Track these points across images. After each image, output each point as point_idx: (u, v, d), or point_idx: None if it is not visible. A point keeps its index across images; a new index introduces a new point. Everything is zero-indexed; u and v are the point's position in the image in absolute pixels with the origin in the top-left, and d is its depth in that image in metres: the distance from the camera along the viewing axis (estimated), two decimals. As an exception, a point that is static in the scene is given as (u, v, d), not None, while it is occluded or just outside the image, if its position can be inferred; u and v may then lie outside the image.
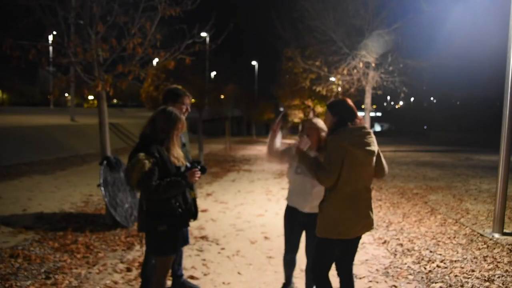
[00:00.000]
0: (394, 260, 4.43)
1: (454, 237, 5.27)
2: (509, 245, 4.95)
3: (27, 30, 5.13)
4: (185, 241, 2.96)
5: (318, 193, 2.84)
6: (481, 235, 5.39)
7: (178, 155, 2.77)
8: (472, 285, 3.73)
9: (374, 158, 2.70)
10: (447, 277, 3.91)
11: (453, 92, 39.33)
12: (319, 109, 21.83)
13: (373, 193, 8.49)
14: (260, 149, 21.63)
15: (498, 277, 3.91)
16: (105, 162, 5.46)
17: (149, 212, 2.68)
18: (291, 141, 33.29)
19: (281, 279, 3.88)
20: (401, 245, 4.94)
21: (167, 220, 2.63)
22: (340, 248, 2.78)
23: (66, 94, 49.14)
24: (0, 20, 6.08)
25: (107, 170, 5.45)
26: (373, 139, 2.68)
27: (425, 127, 45.48)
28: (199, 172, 2.72)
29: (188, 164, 2.83)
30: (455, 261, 4.37)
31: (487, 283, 3.77)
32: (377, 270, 4.13)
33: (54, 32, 5.27)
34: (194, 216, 2.98)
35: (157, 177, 2.57)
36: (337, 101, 2.81)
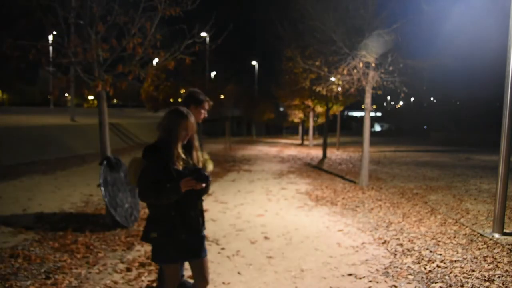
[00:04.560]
0: (394, 260, 4.43)
1: (454, 237, 5.27)
2: (509, 245, 4.96)
3: (27, 30, 5.13)
4: (189, 253, 2.66)
5: None
6: (481, 235, 5.39)
7: (196, 157, 2.65)
8: (472, 285, 3.73)
9: None
10: (447, 277, 3.91)
11: (453, 92, 39.26)
12: (319, 109, 21.81)
13: (373, 193, 8.52)
14: (260, 149, 21.64)
15: (498, 277, 3.91)
16: (105, 162, 5.46)
17: (148, 216, 2.62)
18: (291, 141, 33.06)
19: (281, 279, 3.88)
20: (401, 245, 4.95)
21: (159, 228, 2.53)
22: None
23: (66, 94, 49.13)
24: (0, 20, 6.08)
25: (107, 170, 5.45)
26: None
27: (425, 127, 45.44)
28: (193, 181, 2.41)
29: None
30: (455, 261, 4.37)
31: (487, 283, 3.77)
32: (377, 270, 4.13)
33: (54, 32, 5.27)
34: (194, 229, 2.63)
35: (153, 179, 2.43)
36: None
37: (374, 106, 59.01)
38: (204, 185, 2.47)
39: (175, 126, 2.50)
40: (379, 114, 69.07)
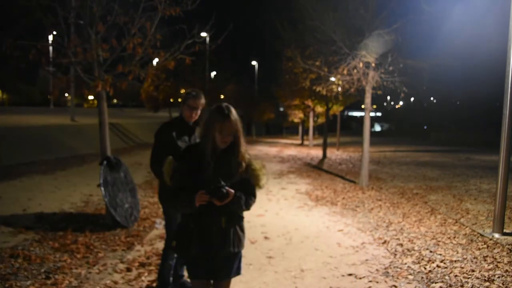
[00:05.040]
0: (394, 260, 4.43)
1: (454, 237, 5.27)
2: (509, 245, 4.96)
3: (27, 30, 5.14)
4: (211, 272, 2.32)
5: None
6: (481, 235, 5.39)
7: (236, 166, 2.26)
8: (472, 285, 3.73)
9: None
10: (447, 277, 3.91)
11: (453, 92, 39.29)
12: (319, 109, 21.82)
13: (373, 193, 8.51)
14: (260, 149, 21.63)
15: (498, 277, 3.91)
16: (105, 162, 5.46)
17: None
18: (291, 141, 32.98)
19: (281, 279, 3.88)
20: (401, 245, 4.95)
21: (176, 237, 2.30)
22: None
23: (66, 94, 49.15)
24: (0, 20, 6.08)
25: (107, 170, 5.45)
26: None
27: (425, 127, 45.46)
28: (206, 196, 2.08)
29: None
30: (455, 261, 4.37)
31: (487, 283, 3.77)
32: (377, 270, 4.13)
33: (54, 32, 5.27)
34: (215, 247, 2.24)
35: (176, 184, 2.19)
36: None
37: (374, 106, 58.97)
38: (222, 202, 2.11)
39: (210, 126, 2.16)
40: (379, 114, 69.06)
